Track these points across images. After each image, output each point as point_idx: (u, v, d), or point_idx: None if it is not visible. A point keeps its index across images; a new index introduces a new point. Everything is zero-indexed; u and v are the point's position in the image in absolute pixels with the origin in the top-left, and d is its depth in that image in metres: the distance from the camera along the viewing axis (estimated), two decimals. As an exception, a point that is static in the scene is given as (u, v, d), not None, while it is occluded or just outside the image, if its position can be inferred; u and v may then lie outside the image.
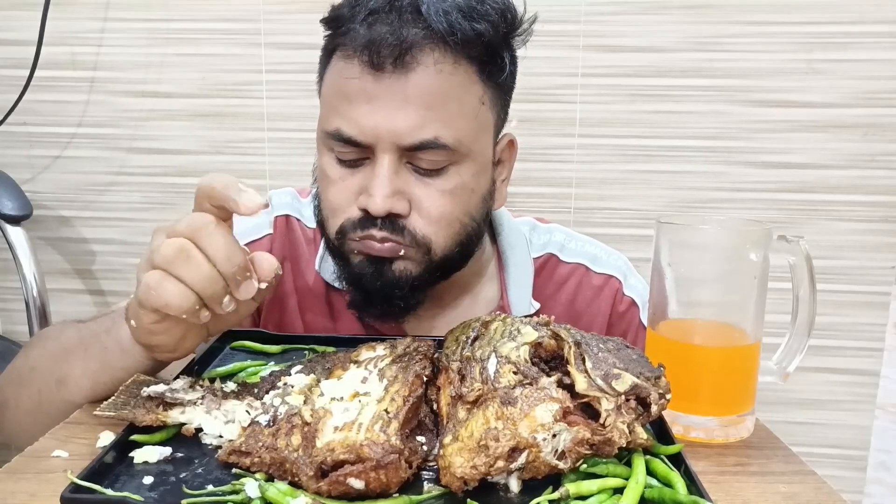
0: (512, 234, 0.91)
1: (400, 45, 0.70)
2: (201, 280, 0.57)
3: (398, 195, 0.73)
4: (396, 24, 0.71)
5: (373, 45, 0.70)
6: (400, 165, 0.74)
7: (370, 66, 0.71)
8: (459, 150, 0.74)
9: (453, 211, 0.76)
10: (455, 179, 0.75)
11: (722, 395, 0.65)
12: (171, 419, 0.57)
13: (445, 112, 0.73)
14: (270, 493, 0.48)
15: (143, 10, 1.44)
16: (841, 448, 1.47)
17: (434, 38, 0.71)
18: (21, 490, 0.51)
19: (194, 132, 1.48)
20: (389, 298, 0.78)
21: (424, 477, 0.52)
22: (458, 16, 0.71)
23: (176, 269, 0.56)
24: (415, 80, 0.71)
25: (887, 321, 1.42)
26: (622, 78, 1.38)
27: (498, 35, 0.74)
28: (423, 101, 0.72)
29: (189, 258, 0.56)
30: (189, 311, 0.57)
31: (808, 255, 0.64)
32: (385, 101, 0.71)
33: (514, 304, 0.88)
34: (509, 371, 0.54)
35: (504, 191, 0.86)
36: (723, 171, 1.40)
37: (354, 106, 0.72)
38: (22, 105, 1.44)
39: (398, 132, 0.72)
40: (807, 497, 0.55)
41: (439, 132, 0.72)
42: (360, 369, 0.62)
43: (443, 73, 0.72)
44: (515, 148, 0.86)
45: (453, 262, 0.79)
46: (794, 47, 1.34)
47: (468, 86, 0.74)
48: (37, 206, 1.45)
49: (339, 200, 0.76)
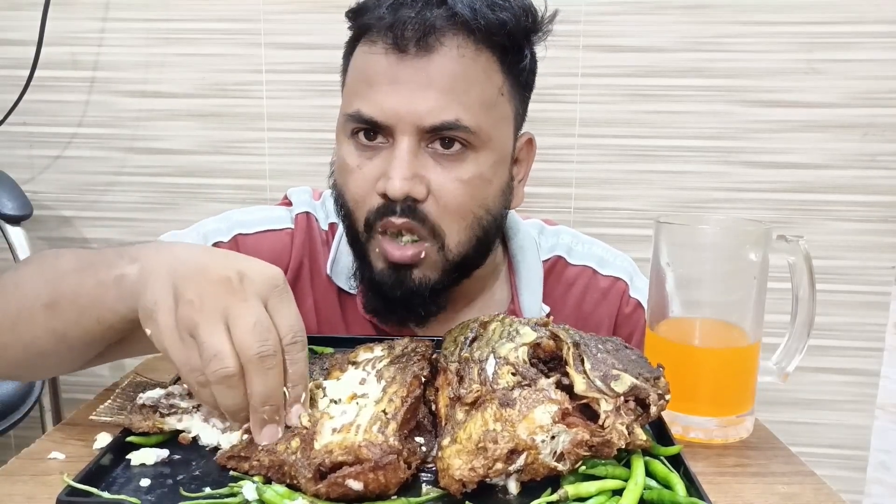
0: (523, 238, 0.91)
1: (424, 27, 0.71)
2: (232, 406, 0.53)
3: (416, 178, 0.73)
4: (420, 8, 0.72)
5: (397, 27, 0.71)
6: (419, 149, 0.74)
7: (394, 47, 0.72)
8: (479, 135, 0.74)
9: (469, 201, 0.76)
10: (473, 168, 0.75)
11: (721, 395, 0.65)
12: (169, 426, 0.57)
13: (467, 96, 0.73)
14: (268, 495, 0.48)
15: (143, 10, 1.43)
16: (841, 448, 1.47)
17: (457, 23, 0.72)
18: (18, 492, 0.51)
19: (194, 132, 1.48)
20: (410, 306, 0.78)
21: (423, 479, 0.52)
22: (482, 4, 0.73)
23: (217, 388, 0.52)
24: (437, 63, 0.72)
25: (887, 321, 1.42)
26: (622, 78, 1.38)
27: (520, 27, 0.75)
28: (445, 83, 0.72)
29: (231, 388, 0.52)
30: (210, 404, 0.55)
31: (808, 255, 0.64)
32: (407, 83, 0.72)
33: (525, 307, 0.89)
34: (508, 372, 0.54)
35: (521, 190, 0.86)
36: (723, 171, 1.39)
37: (376, 87, 0.73)
38: (22, 105, 1.44)
39: (419, 113, 0.72)
40: (806, 497, 0.55)
41: (460, 114, 0.73)
42: (357, 370, 0.62)
43: (465, 58, 0.73)
44: (534, 148, 0.86)
45: (469, 258, 0.79)
46: (794, 47, 1.34)
47: (489, 73, 0.75)
48: (37, 206, 1.45)
49: (360, 189, 0.76)
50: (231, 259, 0.57)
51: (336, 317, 0.88)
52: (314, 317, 0.88)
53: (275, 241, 0.86)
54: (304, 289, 0.87)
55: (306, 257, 0.87)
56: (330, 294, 0.87)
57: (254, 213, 0.89)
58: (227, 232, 0.86)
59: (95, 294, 0.58)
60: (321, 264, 0.88)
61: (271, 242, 0.86)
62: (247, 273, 0.54)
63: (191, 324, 0.52)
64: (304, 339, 0.55)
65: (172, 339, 0.52)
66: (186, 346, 0.52)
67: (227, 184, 1.49)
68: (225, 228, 0.86)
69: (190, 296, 0.52)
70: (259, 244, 0.85)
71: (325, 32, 1.39)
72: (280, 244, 0.86)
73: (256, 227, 0.87)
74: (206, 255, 0.58)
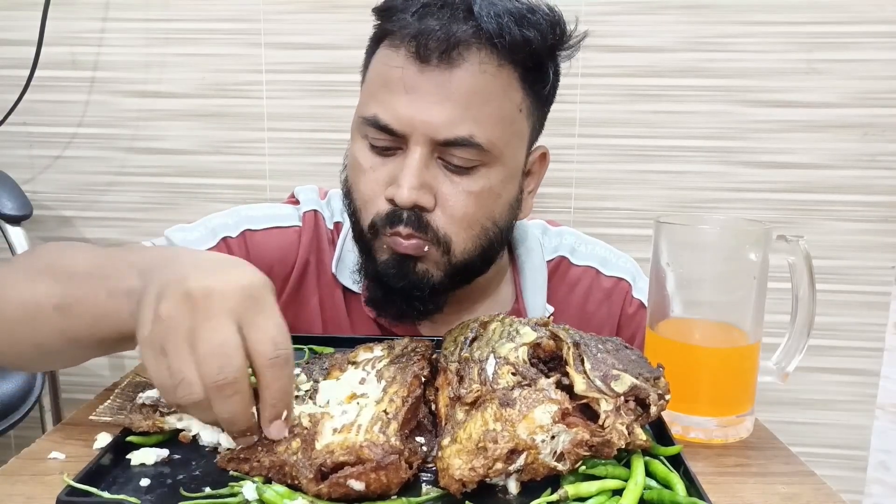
0: (529, 239, 0.91)
1: (448, 40, 0.71)
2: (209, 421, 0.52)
3: (425, 188, 0.74)
4: (447, 20, 0.71)
5: (421, 37, 0.71)
6: (431, 160, 0.74)
7: (416, 56, 0.72)
8: (492, 152, 0.74)
9: (477, 213, 0.76)
10: (483, 182, 0.75)
11: (721, 395, 0.65)
12: (169, 425, 0.57)
13: (483, 112, 0.73)
14: (268, 495, 0.48)
15: (143, 10, 1.43)
16: (841, 448, 1.47)
17: (482, 38, 0.72)
18: (18, 493, 0.51)
19: (194, 132, 1.47)
20: (409, 299, 0.79)
21: (423, 479, 0.52)
22: (509, 20, 0.71)
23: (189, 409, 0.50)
24: (458, 76, 0.72)
25: (887, 321, 1.42)
26: (622, 78, 1.38)
27: (545, 45, 0.75)
28: (463, 98, 0.72)
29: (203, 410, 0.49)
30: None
31: (808, 255, 0.64)
32: (425, 94, 0.72)
33: (530, 307, 0.89)
34: (508, 372, 0.54)
35: (530, 202, 0.86)
36: (723, 171, 1.39)
37: (394, 94, 0.73)
38: (22, 105, 1.44)
39: (434, 125, 0.72)
40: (806, 497, 0.55)
41: (474, 131, 0.73)
42: (357, 370, 0.62)
43: (486, 74, 0.73)
44: (547, 161, 0.86)
45: (473, 266, 0.80)
46: (794, 47, 1.34)
47: (509, 90, 0.75)
48: (37, 206, 1.45)
49: (369, 191, 0.76)
50: (211, 271, 0.52)
51: (341, 315, 0.88)
52: (319, 315, 0.88)
53: (282, 239, 0.86)
54: (310, 287, 0.87)
55: (313, 255, 0.87)
56: (335, 292, 0.88)
57: (262, 209, 0.89)
58: (236, 227, 0.86)
59: (110, 306, 0.57)
60: (327, 263, 0.88)
61: (279, 239, 0.86)
62: (217, 288, 0.50)
63: (161, 342, 0.49)
64: (286, 354, 0.50)
65: (147, 356, 0.50)
66: (159, 363, 0.50)
67: (227, 184, 1.49)
68: (233, 224, 0.86)
69: (162, 312, 0.49)
70: (267, 241, 0.86)
71: (325, 32, 1.39)
72: (287, 241, 0.87)
73: (265, 223, 0.87)
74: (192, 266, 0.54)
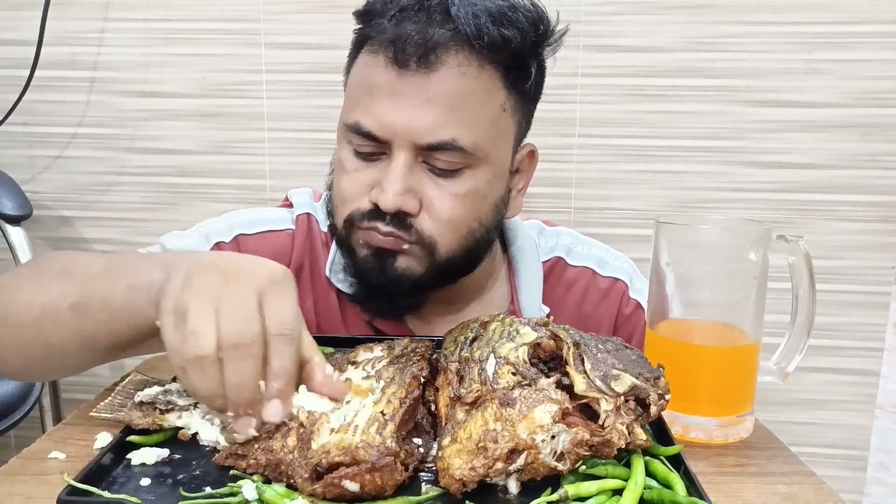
0: (523, 239, 0.91)
1: (425, 44, 0.70)
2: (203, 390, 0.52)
3: (410, 193, 0.74)
4: (424, 23, 0.71)
5: (398, 42, 0.71)
6: (415, 164, 0.74)
7: (394, 62, 0.71)
8: (476, 154, 0.74)
9: (463, 215, 0.76)
10: (469, 184, 0.75)
11: (721, 395, 0.65)
12: (168, 422, 0.57)
13: (465, 114, 0.73)
14: (268, 495, 0.48)
15: (143, 10, 1.43)
16: (841, 448, 1.47)
17: (460, 40, 0.71)
18: (18, 492, 0.51)
19: (194, 132, 1.47)
20: (391, 295, 0.78)
21: (423, 478, 0.52)
22: (488, 20, 0.71)
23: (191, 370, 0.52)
24: (437, 80, 0.71)
25: (887, 321, 1.41)
26: (622, 78, 1.38)
27: (526, 43, 0.74)
28: (444, 101, 0.72)
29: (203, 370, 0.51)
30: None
31: (808, 255, 0.64)
32: (406, 99, 0.72)
33: (525, 308, 0.89)
34: (508, 372, 0.54)
35: (519, 200, 0.86)
36: (723, 171, 1.39)
37: (376, 100, 0.73)
38: (22, 105, 1.44)
39: (416, 130, 0.72)
40: (806, 497, 0.55)
41: (457, 134, 0.72)
42: (357, 370, 0.62)
43: (466, 76, 0.72)
44: (536, 158, 0.86)
45: (458, 266, 0.79)
46: (794, 47, 1.34)
47: (491, 91, 0.75)
48: (37, 206, 1.44)
49: (351, 191, 0.76)
50: (242, 258, 0.58)
51: (335, 318, 0.88)
52: (314, 318, 0.88)
53: (275, 242, 0.87)
54: (304, 290, 0.87)
55: (306, 258, 0.88)
56: (329, 295, 0.88)
57: (255, 213, 0.89)
58: (229, 232, 0.86)
59: (128, 298, 0.58)
60: (321, 265, 0.88)
61: (272, 243, 0.86)
62: (247, 267, 0.55)
63: (184, 307, 0.52)
64: (293, 334, 0.53)
65: (166, 323, 0.52)
66: (177, 328, 0.52)
67: (227, 184, 1.49)
68: (226, 229, 0.87)
69: (194, 282, 0.53)
70: (260, 244, 0.86)
71: (325, 32, 1.39)
72: (280, 244, 0.87)
73: (258, 227, 0.87)
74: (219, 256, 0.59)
